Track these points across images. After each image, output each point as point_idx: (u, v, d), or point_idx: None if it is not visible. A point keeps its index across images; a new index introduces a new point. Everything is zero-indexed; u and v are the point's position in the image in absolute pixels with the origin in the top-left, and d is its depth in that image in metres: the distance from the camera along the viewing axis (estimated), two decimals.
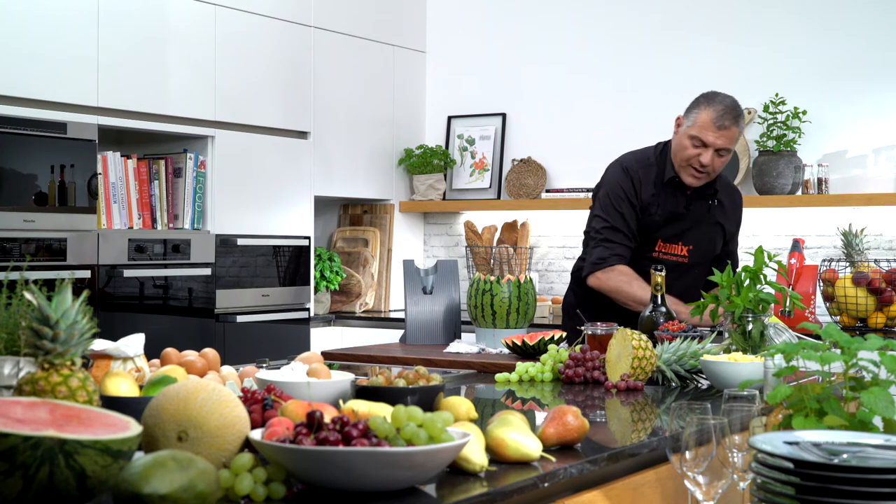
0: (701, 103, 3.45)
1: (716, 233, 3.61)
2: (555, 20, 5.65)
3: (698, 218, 3.56)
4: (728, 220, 3.65)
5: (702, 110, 3.43)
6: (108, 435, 1.35)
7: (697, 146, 3.43)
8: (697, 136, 3.42)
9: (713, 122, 3.40)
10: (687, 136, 3.44)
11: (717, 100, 3.43)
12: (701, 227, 3.57)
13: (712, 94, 3.48)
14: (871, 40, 4.91)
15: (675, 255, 3.55)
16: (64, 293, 1.58)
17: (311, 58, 5.24)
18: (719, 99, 3.44)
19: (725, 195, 3.65)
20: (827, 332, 1.86)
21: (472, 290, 3.48)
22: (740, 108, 3.46)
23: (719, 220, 3.61)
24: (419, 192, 5.77)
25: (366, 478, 1.43)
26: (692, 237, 3.56)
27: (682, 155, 3.46)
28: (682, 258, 3.56)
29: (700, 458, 1.70)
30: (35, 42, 4.08)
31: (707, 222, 3.58)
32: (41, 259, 4.01)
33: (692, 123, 3.44)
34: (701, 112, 3.43)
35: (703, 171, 3.47)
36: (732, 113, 3.42)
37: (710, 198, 3.57)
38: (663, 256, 3.54)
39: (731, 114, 3.41)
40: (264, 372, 2.18)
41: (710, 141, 3.41)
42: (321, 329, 5.26)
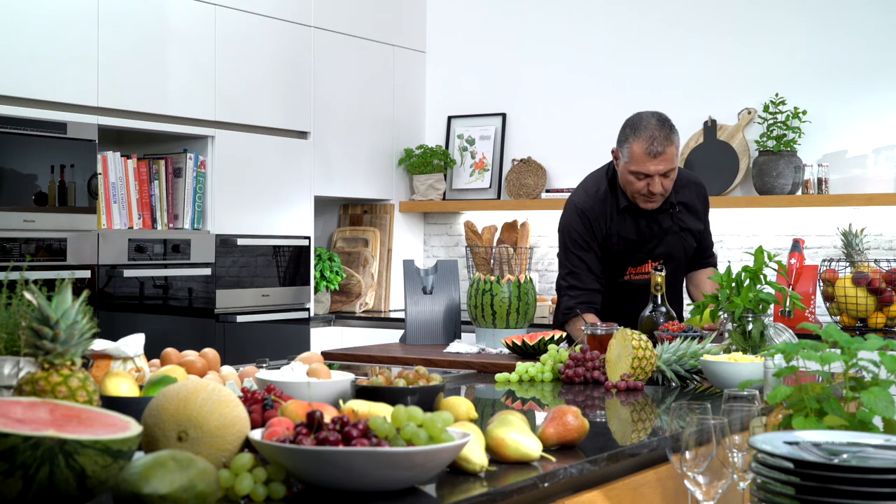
0: (629, 136, 3.36)
1: (685, 238, 3.55)
2: (555, 20, 5.65)
3: (663, 233, 3.50)
4: (694, 220, 3.58)
5: (632, 143, 3.34)
6: (108, 435, 1.35)
7: (641, 178, 3.36)
8: (638, 171, 3.34)
9: (646, 153, 3.31)
10: (628, 172, 3.36)
11: (641, 126, 3.34)
12: (667, 239, 3.51)
13: (636, 119, 3.38)
14: (871, 40, 4.91)
15: (646, 273, 3.49)
16: (64, 293, 1.58)
17: (311, 58, 5.24)
18: (643, 125, 3.34)
19: (687, 194, 3.56)
20: (827, 332, 1.86)
21: (472, 290, 3.48)
22: (669, 124, 3.37)
23: (687, 226, 3.55)
24: (419, 192, 5.77)
25: (366, 478, 1.43)
26: (661, 252, 3.51)
27: (631, 189, 3.39)
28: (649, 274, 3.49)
29: (700, 458, 1.70)
30: (35, 42, 4.08)
31: (672, 232, 3.51)
32: (41, 259, 4.01)
33: (629, 159, 3.35)
34: (632, 145, 3.34)
35: (656, 199, 3.41)
36: (662, 135, 3.32)
37: (670, 207, 3.49)
38: (635, 278, 3.50)
39: (660, 137, 3.32)
40: (264, 372, 2.18)
41: (651, 171, 3.33)
42: (321, 329, 5.26)
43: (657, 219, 3.48)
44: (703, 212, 3.64)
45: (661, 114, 3.40)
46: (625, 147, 3.37)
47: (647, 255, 3.50)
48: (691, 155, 5.21)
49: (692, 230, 3.56)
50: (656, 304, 3.08)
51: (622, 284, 3.52)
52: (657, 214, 3.48)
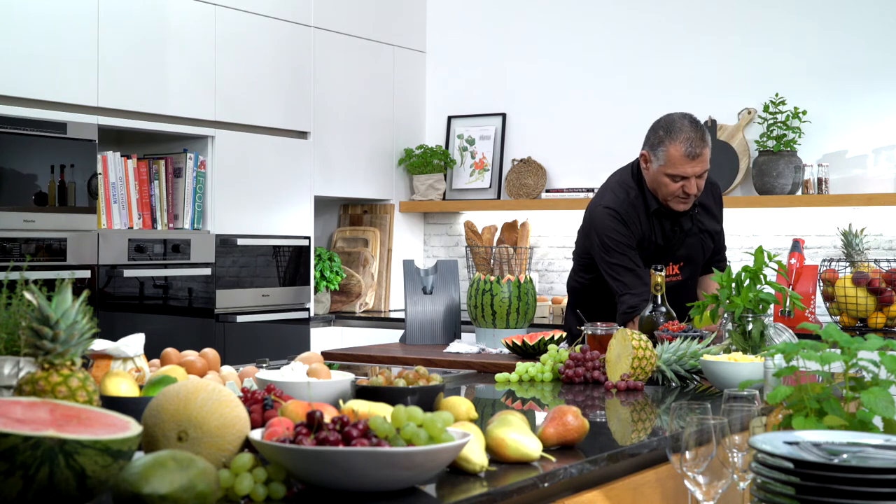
0: (664, 138, 3.34)
1: (704, 240, 3.56)
2: (555, 20, 5.65)
3: (684, 235, 3.51)
4: (711, 221, 3.59)
5: (668, 146, 3.32)
6: (108, 435, 1.35)
7: (678, 181, 3.35)
8: (675, 174, 3.33)
9: (685, 155, 3.31)
10: (663, 175, 3.35)
11: (677, 128, 3.33)
12: (688, 242, 3.52)
13: (669, 121, 3.37)
14: (871, 40, 4.91)
15: (668, 275, 3.48)
16: (64, 293, 1.58)
17: (311, 58, 5.24)
18: (678, 127, 3.34)
19: (705, 196, 3.56)
20: (827, 332, 1.86)
21: (472, 290, 3.48)
22: (701, 125, 3.37)
23: (706, 227, 3.56)
24: (419, 192, 5.77)
25: (366, 478, 1.43)
26: (682, 256, 3.52)
27: (665, 192, 3.38)
28: (675, 276, 3.51)
29: (700, 458, 1.70)
30: (35, 42, 4.08)
31: (692, 234, 3.52)
32: (41, 259, 4.01)
33: (664, 162, 3.34)
34: (669, 148, 3.32)
35: (691, 199, 3.41)
36: (698, 136, 3.32)
37: (692, 208, 3.49)
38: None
39: (697, 139, 3.32)
40: (264, 372, 2.18)
41: (688, 173, 3.33)
42: (321, 329, 5.26)
43: (680, 222, 3.48)
44: (719, 213, 3.64)
45: (691, 115, 3.39)
46: (659, 150, 3.34)
47: (669, 258, 3.50)
48: None
49: (710, 231, 3.57)
50: (656, 304, 3.08)
51: None
52: (680, 217, 3.47)
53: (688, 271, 3.52)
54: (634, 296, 3.34)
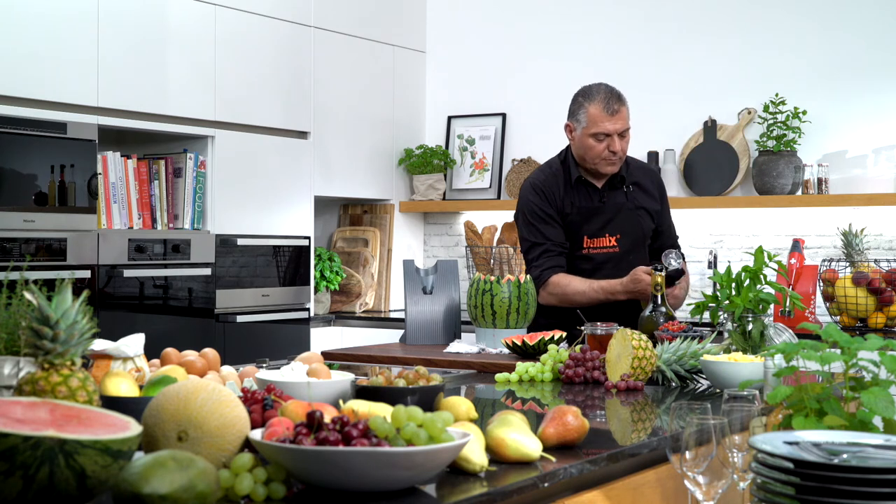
0: (582, 103, 3.56)
1: (640, 217, 3.66)
2: (555, 20, 5.65)
3: (617, 207, 3.63)
4: (650, 200, 3.70)
5: (588, 107, 3.53)
6: (108, 435, 1.35)
7: (602, 139, 3.52)
8: (597, 132, 3.51)
9: (604, 111, 3.51)
10: (588, 136, 3.53)
11: (593, 91, 3.56)
12: (623, 215, 3.63)
13: (585, 88, 3.59)
14: (871, 40, 4.91)
15: (604, 247, 3.62)
16: (64, 293, 1.58)
17: (311, 58, 5.24)
18: (595, 89, 3.56)
19: (640, 177, 3.71)
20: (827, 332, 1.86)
21: (472, 290, 3.47)
22: (615, 89, 3.58)
23: (641, 205, 3.67)
24: (419, 192, 5.77)
25: (366, 478, 1.43)
26: (617, 227, 3.63)
27: (592, 154, 3.56)
28: (613, 248, 3.62)
29: (700, 458, 1.70)
30: (35, 42, 4.08)
31: (627, 208, 3.64)
32: (41, 259, 4.01)
33: (586, 124, 3.53)
34: (588, 109, 3.53)
35: (615, 159, 3.56)
36: (614, 95, 3.54)
37: (622, 184, 3.64)
38: (593, 251, 3.62)
39: (613, 97, 3.53)
40: (264, 372, 2.18)
41: (609, 129, 3.51)
42: (321, 329, 5.26)
43: (610, 194, 3.64)
44: (659, 195, 3.75)
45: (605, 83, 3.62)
46: (580, 114, 3.56)
47: (602, 228, 3.62)
48: (691, 155, 5.21)
49: (648, 210, 3.68)
50: (656, 304, 3.08)
51: (582, 258, 3.62)
52: (609, 190, 3.63)
53: (626, 244, 3.63)
54: (536, 268, 3.59)
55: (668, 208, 3.81)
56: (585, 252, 3.62)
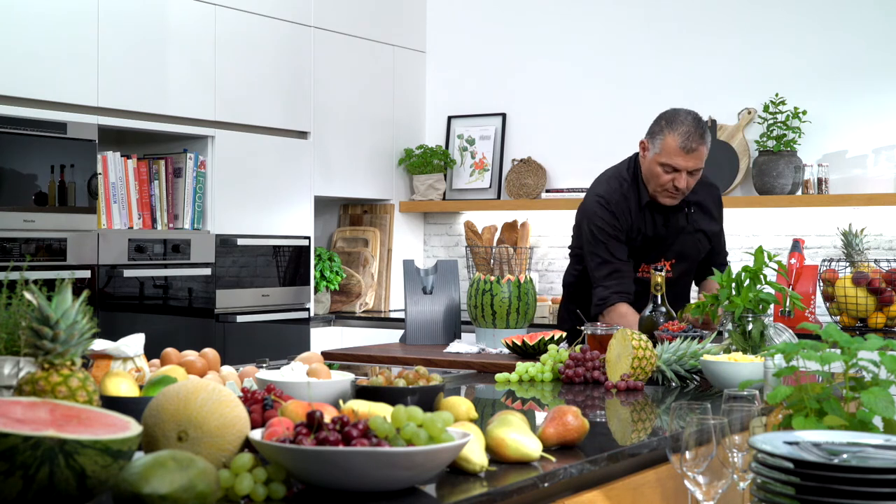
0: (664, 128, 3.40)
1: (698, 240, 3.58)
2: (555, 20, 5.65)
3: (678, 231, 3.53)
4: (708, 221, 3.61)
5: (666, 136, 3.38)
6: (108, 435, 1.35)
7: (669, 172, 3.40)
8: (668, 164, 3.38)
9: (680, 148, 3.36)
10: (657, 164, 3.40)
11: (678, 121, 3.39)
12: (681, 239, 3.54)
13: (672, 114, 3.43)
14: (871, 40, 4.91)
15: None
16: (64, 293, 1.58)
17: (311, 58, 5.24)
18: (680, 120, 3.39)
19: (703, 196, 3.59)
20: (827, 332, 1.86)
21: (472, 290, 3.47)
22: (704, 124, 3.42)
23: (700, 227, 3.58)
24: (419, 192, 5.77)
25: (366, 478, 1.43)
26: (674, 252, 3.55)
27: (656, 182, 3.43)
28: (667, 273, 3.51)
29: (700, 458, 1.70)
30: (35, 42, 4.08)
31: (687, 232, 3.54)
32: (41, 259, 4.01)
33: (660, 151, 3.39)
34: (666, 138, 3.38)
35: (679, 194, 3.45)
36: (697, 132, 3.37)
37: (687, 206, 3.53)
38: (645, 276, 3.49)
39: (696, 134, 3.37)
40: (264, 372, 2.18)
41: (680, 166, 3.38)
42: (321, 329, 5.26)
43: (673, 218, 3.52)
44: (718, 214, 3.66)
45: (696, 113, 3.45)
46: (658, 139, 3.41)
47: (661, 253, 3.53)
48: None
49: (706, 231, 3.59)
50: (656, 304, 3.08)
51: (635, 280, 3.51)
52: (673, 214, 3.51)
53: (679, 269, 3.54)
54: (605, 288, 3.42)
55: (723, 225, 3.71)
56: (640, 275, 3.52)
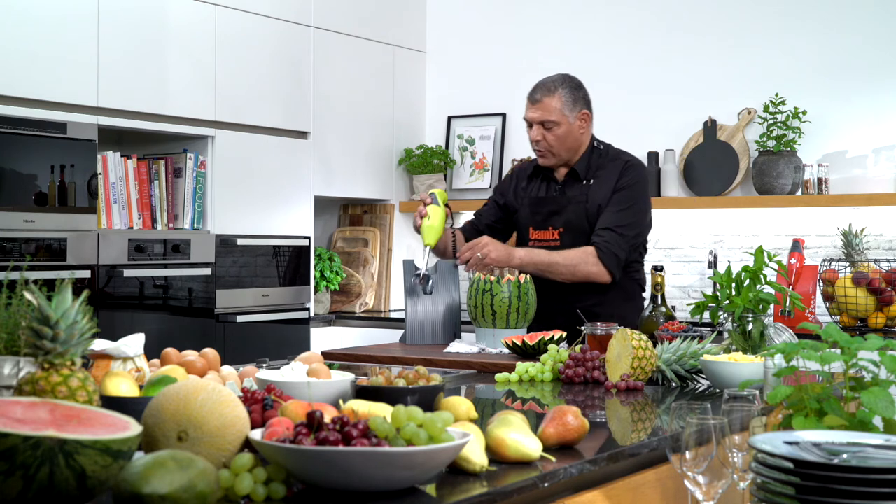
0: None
1: (587, 210, 3.58)
2: (555, 20, 5.65)
3: (568, 201, 3.62)
4: (602, 192, 3.59)
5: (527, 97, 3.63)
6: (108, 435, 1.35)
7: (528, 129, 3.61)
8: (525, 119, 3.62)
9: (528, 100, 3.60)
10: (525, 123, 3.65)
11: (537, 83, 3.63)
12: (570, 208, 3.61)
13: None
14: (871, 40, 4.91)
15: (545, 240, 3.65)
16: (64, 293, 1.58)
17: (311, 58, 5.24)
18: (539, 81, 3.63)
19: (606, 170, 3.62)
20: (827, 332, 1.86)
21: (472, 290, 3.47)
22: (559, 80, 3.60)
23: (595, 199, 3.59)
24: (419, 192, 5.76)
25: (366, 478, 1.43)
26: (561, 220, 3.63)
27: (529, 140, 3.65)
28: (554, 241, 3.63)
29: (700, 458, 1.70)
30: (35, 42, 4.08)
31: (577, 201, 3.61)
32: (41, 259, 4.01)
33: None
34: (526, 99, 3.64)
35: (540, 148, 3.61)
36: (545, 86, 3.58)
37: (586, 179, 3.63)
38: (538, 245, 3.64)
39: (542, 87, 3.59)
40: (264, 372, 2.18)
41: (529, 118, 3.59)
42: (321, 329, 5.26)
43: (567, 188, 3.65)
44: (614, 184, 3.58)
45: (566, 74, 3.65)
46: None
47: (546, 220, 3.65)
48: (691, 155, 5.21)
49: (599, 202, 3.60)
50: (656, 304, 3.07)
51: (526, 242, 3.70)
52: (568, 185, 3.65)
53: (568, 238, 3.61)
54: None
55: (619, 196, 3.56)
56: (531, 244, 3.65)
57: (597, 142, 3.70)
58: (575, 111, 3.60)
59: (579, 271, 3.50)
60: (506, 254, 3.50)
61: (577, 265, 3.49)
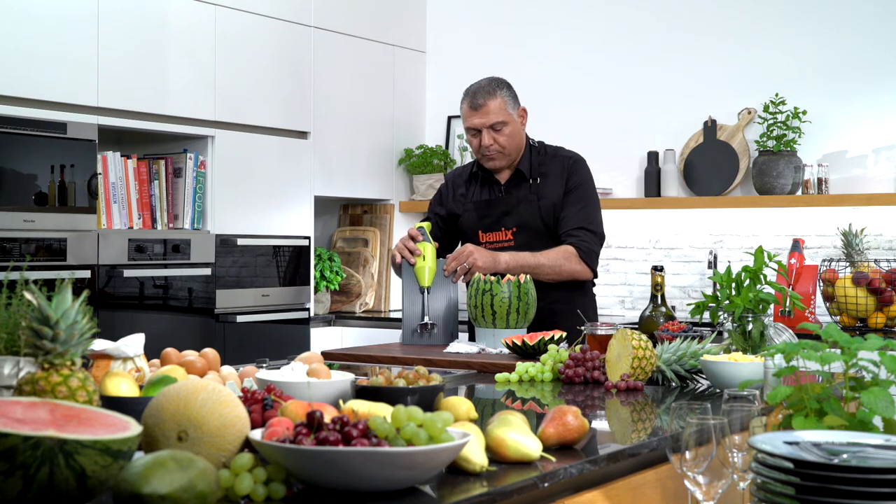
0: (461, 102, 3.61)
1: (541, 208, 3.59)
2: (555, 20, 5.65)
3: (517, 200, 3.61)
4: (555, 189, 3.60)
5: (462, 106, 3.60)
6: (108, 435, 1.35)
7: (474, 135, 3.58)
8: (469, 128, 3.59)
9: (470, 108, 3.57)
10: (466, 132, 3.62)
11: (470, 88, 3.60)
12: (521, 207, 3.61)
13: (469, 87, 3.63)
14: (871, 40, 4.91)
15: (499, 241, 3.64)
16: (64, 293, 1.58)
17: (311, 58, 5.24)
18: (472, 87, 3.60)
19: (552, 166, 3.65)
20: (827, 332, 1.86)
21: (472, 290, 3.47)
22: (495, 82, 3.59)
23: (545, 196, 3.60)
24: (419, 192, 5.76)
25: (366, 478, 1.43)
26: (513, 219, 3.62)
27: (474, 150, 3.63)
28: (508, 241, 3.62)
29: (700, 458, 1.70)
30: (35, 42, 4.08)
31: (527, 200, 3.61)
32: (41, 259, 4.01)
33: (463, 121, 3.61)
34: (462, 107, 3.60)
35: (491, 153, 3.58)
36: (484, 90, 3.57)
37: (532, 178, 3.62)
38: (489, 247, 3.62)
39: (481, 92, 3.55)
40: (264, 372, 2.18)
41: (476, 124, 3.55)
42: (321, 329, 5.26)
43: (515, 188, 3.64)
44: (564, 182, 3.61)
45: (496, 77, 3.65)
46: (461, 110, 3.63)
47: (497, 221, 3.64)
48: (691, 155, 5.21)
49: (552, 200, 3.60)
50: (656, 304, 3.08)
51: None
52: (514, 185, 3.64)
53: (523, 237, 3.60)
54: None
55: (576, 195, 3.60)
56: (483, 247, 3.61)
57: (530, 139, 3.73)
58: (517, 109, 3.64)
59: (564, 270, 3.52)
60: (492, 260, 3.48)
61: (561, 265, 3.52)
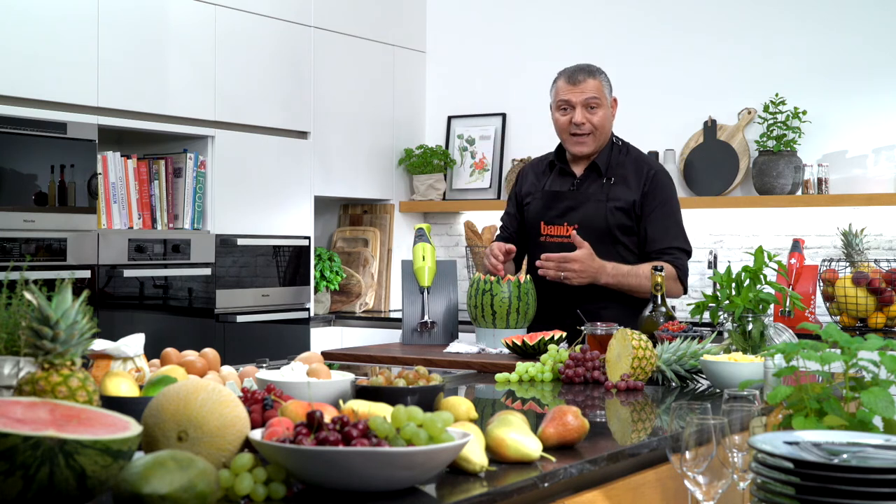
0: (555, 80, 3.60)
1: (607, 209, 3.47)
2: (555, 20, 5.65)
3: (585, 198, 3.51)
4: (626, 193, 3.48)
5: (557, 83, 3.58)
6: (108, 435, 1.35)
7: (565, 112, 3.53)
8: (561, 103, 3.53)
9: (567, 83, 3.53)
10: (556, 110, 3.56)
11: (568, 68, 3.60)
12: (589, 205, 3.50)
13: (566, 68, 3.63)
14: (871, 40, 4.91)
15: (558, 235, 3.54)
16: (64, 293, 1.58)
17: (311, 58, 5.24)
18: (570, 67, 3.60)
19: (630, 170, 3.52)
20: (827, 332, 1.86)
21: (472, 290, 3.47)
22: (595, 66, 3.61)
23: (615, 196, 3.48)
24: (419, 192, 5.77)
25: (365, 478, 1.43)
26: (577, 216, 3.50)
27: (560, 127, 3.56)
28: (566, 238, 3.48)
29: (700, 458, 1.70)
30: (35, 42, 4.08)
31: (596, 199, 3.49)
32: (41, 259, 4.01)
33: (553, 98, 3.58)
34: (556, 85, 3.58)
35: (582, 132, 3.51)
36: (584, 69, 3.56)
37: (607, 178, 3.51)
38: (550, 240, 3.54)
39: (582, 70, 3.55)
40: (264, 372, 2.18)
41: (572, 100, 3.51)
42: (321, 329, 5.26)
43: (587, 184, 3.55)
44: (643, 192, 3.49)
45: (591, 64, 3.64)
46: (552, 90, 3.60)
47: (561, 216, 3.54)
48: (691, 155, 5.21)
49: (622, 203, 3.47)
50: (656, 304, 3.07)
51: (537, 246, 3.57)
52: (586, 181, 3.55)
53: (582, 235, 3.41)
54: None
55: (663, 212, 3.48)
56: (543, 239, 3.56)
57: (615, 137, 3.62)
58: (611, 97, 3.60)
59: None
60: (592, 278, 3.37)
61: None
